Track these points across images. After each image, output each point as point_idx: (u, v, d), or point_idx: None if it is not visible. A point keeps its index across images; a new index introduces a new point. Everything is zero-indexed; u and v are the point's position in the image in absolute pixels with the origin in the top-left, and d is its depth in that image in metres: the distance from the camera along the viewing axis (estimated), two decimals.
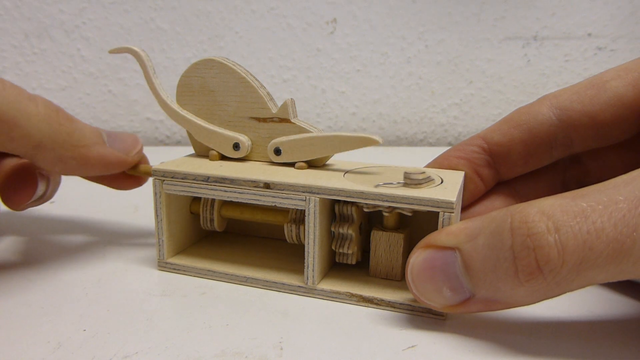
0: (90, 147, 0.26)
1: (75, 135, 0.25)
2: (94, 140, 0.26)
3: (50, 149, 0.24)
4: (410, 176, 0.24)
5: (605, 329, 0.22)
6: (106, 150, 0.26)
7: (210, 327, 0.22)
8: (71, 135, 0.25)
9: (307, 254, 0.25)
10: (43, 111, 0.24)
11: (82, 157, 0.25)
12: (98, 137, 0.26)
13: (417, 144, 0.71)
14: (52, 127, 0.24)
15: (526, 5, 0.66)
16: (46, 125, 0.24)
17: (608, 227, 0.18)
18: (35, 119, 0.23)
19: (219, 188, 0.25)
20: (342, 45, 0.67)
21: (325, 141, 0.26)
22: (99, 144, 0.26)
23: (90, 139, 0.26)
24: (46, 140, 0.24)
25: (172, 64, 0.66)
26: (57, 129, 0.24)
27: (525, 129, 0.26)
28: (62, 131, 0.24)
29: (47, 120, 0.24)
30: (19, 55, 0.64)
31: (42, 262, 0.28)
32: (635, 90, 0.25)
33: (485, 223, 0.20)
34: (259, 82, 0.27)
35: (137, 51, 0.28)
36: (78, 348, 0.20)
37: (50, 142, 0.24)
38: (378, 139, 0.25)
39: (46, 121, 0.24)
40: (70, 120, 0.25)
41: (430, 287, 0.21)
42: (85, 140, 0.25)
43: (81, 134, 0.25)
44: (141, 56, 0.28)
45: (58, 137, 0.24)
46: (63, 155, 0.25)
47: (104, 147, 0.26)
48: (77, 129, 0.25)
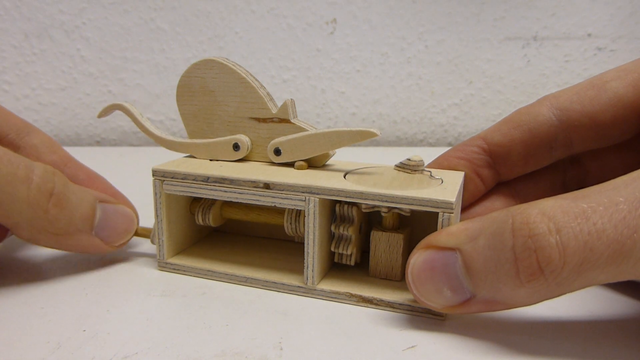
0: (71, 236, 0.25)
1: (57, 224, 0.24)
2: (78, 228, 0.25)
3: (26, 230, 0.24)
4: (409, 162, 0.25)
5: (605, 329, 0.22)
6: (87, 241, 0.26)
7: (210, 327, 0.22)
8: (53, 223, 0.24)
9: (307, 254, 0.25)
10: (33, 195, 0.23)
11: (57, 243, 0.25)
12: (85, 224, 0.26)
13: (417, 144, 0.71)
14: (35, 213, 0.24)
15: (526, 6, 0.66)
16: (29, 210, 0.23)
17: (609, 228, 0.18)
18: (20, 202, 0.23)
19: (218, 188, 0.25)
20: (342, 45, 0.67)
21: (324, 137, 0.26)
22: (83, 232, 0.26)
23: (76, 227, 0.25)
24: (24, 223, 0.24)
25: (172, 64, 0.66)
26: (40, 216, 0.24)
27: (525, 129, 0.26)
28: (44, 218, 0.24)
29: (33, 205, 0.23)
30: (19, 55, 0.64)
31: (42, 262, 0.28)
32: (635, 91, 0.25)
33: (486, 224, 0.20)
34: (259, 82, 0.27)
35: (121, 105, 0.30)
36: (78, 348, 0.20)
37: (27, 225, 0.24)
38: (376, 132, 0.25)
39: (31, 206, 0.23)
40: (61, 207, 0.24)
41: (431, 288, 0.21)
42: (69, 229, 0.25)
43: (65, 223, 0.25)
44: (126, 108, 0.30)
45: (37, 223, 0.24)
46: (37, 238, 0.25)
47: (86, 236, 0.26)
48: (63, 217, 0.24)
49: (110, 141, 0.68)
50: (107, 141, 0.68)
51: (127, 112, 0.30)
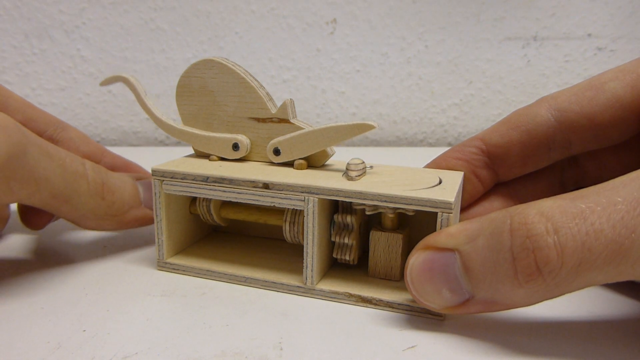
0: (127, 213, 0.28)
1: (115, 206, 0.27)
2: (131, 205, 0.28)
3: (91, 219, 0.26)
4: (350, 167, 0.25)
5: (605, 329, 0.22)
6: (140, 212, 0.28)
7: (210, 327, 0.22)
8: (111, 207, 0.27)
9: (306, 254, 0.25)
10: (92, 188, 0.26)
11: (118, 223, 0.28)
12: (135, 200, 0.28)
13: (417, 144, 0.71)
14: (96, 202, 0.26)
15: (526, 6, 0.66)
16: (91, 201, 0.26)
17: (607, 229, 0.18)
18: (84, 196, 0.25)
19: (218, 188, 0.26)
20: (342, 45, 0.67)
21: (322, 134, 0.26)
22: (135, 207, 0.28)
23: (129, 205, 0.28)
24: (89, 213, 0.26)
25: (172, 64, 0.66)
26: (100, 203, 0.26)
27: (523, 130, 0.26)
28: (104, 205, 0.26)
29: (94, 196, 0.26)
30: (19, 55, 0.64)
31: (42, 263, 0.29)
32: (633, 91, 0.25)
33: (485, 224, 0.20)
34: (258, 82, 0.27)
35: (125, 78, 0.29)
36: (78, 348, 0.20)
37: (92, 214, 0.26)
38: (374, 124, 0.25)
39: (92, 197, 0.26)
40: (113, 192, 0.27)
41: (430, 289, 0.21)
42: (124, 208, 0.28)
43: (121, 204, 0.27)
44: (131, 82, 0.29)
45: (99, 211, 0.26)
46: (102, 224, 0.27)
47: (139, 209, 0.28)
48: (117, 199, 0.27)
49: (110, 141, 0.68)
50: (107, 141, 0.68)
51: (130, 86, 0.29)
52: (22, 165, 0.22)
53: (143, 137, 0.68)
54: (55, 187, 0.24)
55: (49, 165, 0.23)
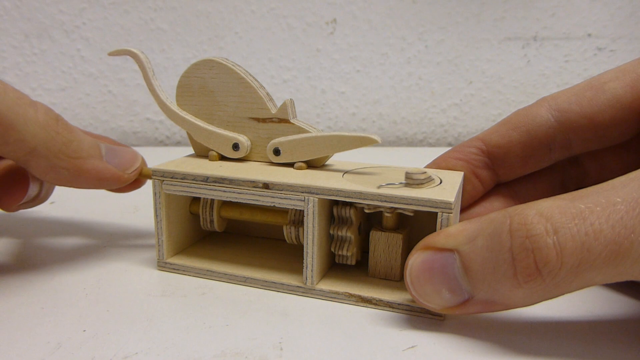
0: (86, 160, 0.25)
1: (71, 146, 0.24)
2: (90, 153, 0.25)
3: (44, 156, 0.24)
4: (412, 176, 0.24)
5: (605, 329, 0.22)
6: (102, 165, 0.26)
7: (210, 327, 0.22)
8: (67, 145, 0.24)
9: (306, 254, 0.25)
10: (42, 118, 0.23)
11: (75, 168, 0.25)
12: (95, 151, 0.26)
13: (417, 144, 0.71)
14: (48, 135, 0.23)
15: (526, 6, 0.66)
16: (43, 132, 0.23)
17: (606, 229, 0.18)
18: (33, 124, 0.23)
19: (218, 188, 0.26)
20: (342, 45, 0.67)
21: (324, 141, 0.26)
22: (95, 157, 0.26)
23: (87, 152, 0.25)
24: (41, 147, 0.23)
25: (172, 65, 0.66)
26: (54, 137, 0.24)
27: (523, 131, 0.26)
28: (58, 140, 0.24)
29: (45, 127, 0.23)
30: (19, 55, 0.64)
31: (42, 263, 0.29)
32: (633, 91, 0.25)
33: (484, 225, 0.20)
34: (258, 82, 0.27)
35: (136, 53, 0.28)
36: (78, 348, 0.20)
37: (44, 149, 0.23)
38: (377, 139, 0.25)
39: (44, 128, 0.23)
40: (69, 130, 0.25)
41: (429, 289, 0.21)
42: (82, 153, 0.25)
43: (78, 146, 0.25)
44: (140, 58, 0.28)
45: (53, 146, 0.24)
46: (56, 165, 0.24)
47: (100, 161, 0.26)
48: (75, 139, 0.25)
49: None
50: None
51: (139, 62, 0.29)
52: None
53: (143, 137, 0.68)
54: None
55: None
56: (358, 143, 0.26)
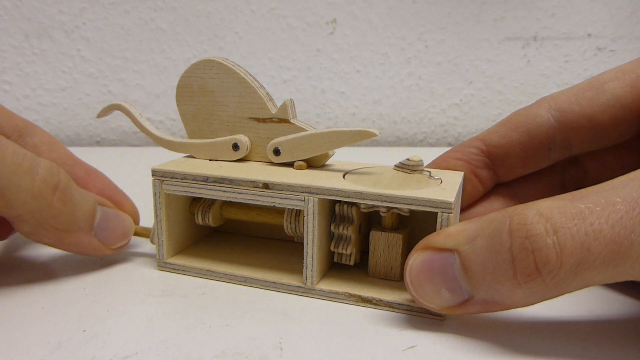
0: (71, 233, 0.25)
1: (60, 218, 0.24)
2: (80, 225, 0.25)
3: (29, 223, 0.24)
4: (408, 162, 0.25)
5: (605, 329, 0.22)
6: (86, 239, 0.26)
7: (210, 327, 0.22)
8: (56, 217, 0.24)
9: (306, 255, 0.25)
10: (38, 186, 0.23)
11: (58, 239, 0.25)
12: (86, 223, 0.26)
13: (417, 144, 0.71)
14: (38, 205, 0.23)
15: (526, 6, 0.66)
16: (34, 202, 0.23)
17: (606, 229, 0.18)
18: (25, 193, 0.23)
19: (218, 188, 0.26)
20: (342, 45, 0.67)
21: (323, 138, 0.26)
22: (83, 230, 0.25)
23: (77, 225, 0.25)
24: (27, 215, 0.23)
25: (172, 64, 0.66)
26: (44, 209, 0.24)
27: (523, 131, 0.26)
28: (47, 212, 0.24)
29: (37, 197, 0.23)
30: (19, 55, 0.64)
31: (42, 263, 0.29)
32: (633, 91, 0.25)
33: (484, 225, 0.20)
34: (258, 82, 0.27)
35: (120, 105, 0.30)
36: (78, 348, 0.20)
37: (31, 218, 0.24)
38: (375, 132, 0.25)
39: (35, 198, 0.23)
40: (64, 201, 0.24)
41: (429, 289, 0.21)
42: (69, 226, 0.25)
43: (67, 219, 0.25)
44: (125, 108, 0.30)
45: (40, 216, 0.24)
46: (38, 233, 0.24)
47: (86, 234, 0.26)
48: (66, 212, 0.24)
49: (110, 141, 0.68)
50: (107, 141, 0.68)
51: (126, 112, 0.30)
52: None
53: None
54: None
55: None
56: (357, 137, 0.25)
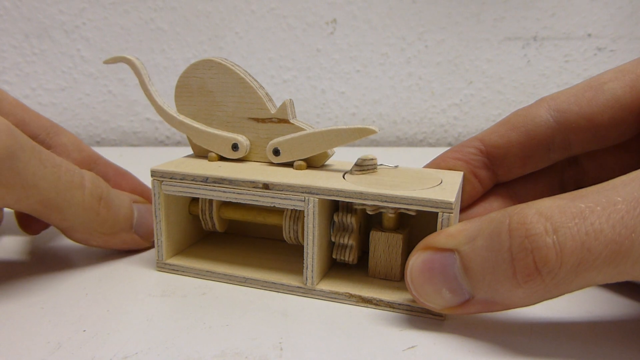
0: (117, 235, 0.27)
1: (106, 225, 0.27)
2: (122, 227, 0.28)
3: (80, 231, 0.26)
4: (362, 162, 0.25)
5: (605, 329, 0.22)
6: (129, 237, 0.28)
7: (210, 327, 0.22)
8: (102, 224, 0.26)
9: (306, 255, 0.25)
10: (87, 200, 0.25)
11: (105, 242, 0.27)
12: (127, 223, 0.28)
13: (417, 144, 0.71)
14: (89, 216, 0.25)
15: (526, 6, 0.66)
16: (84, 214, 0.25)
17: (606, 229, 0.18)
18: (77, 206, 0.25)
19: (217, 189, 0.26)
20: (342, 45, 0.67)
21: (322, 136, 0.26)
22: (125, 230, 0.28)
23: (119, 227, 0.27)
24: (79, 226, 0.26)
25: (172, 64, 0.66)
26: (93, 218, 0.26)
27: (522, 131, 0.26)
28: (96, 220, 0.26)
29: (88, 209, 0.25)
30: (19, 55, 0.64)
31: (42, 263, 0.29)
32: (632, 91, 0.25)
33: (484, 224, 0.20)
34: (257, 82, 0.27)
35: (131, 60, 0.29)
36: (78, 348, 0.20)
37: (81, 227, 0.26)
38: (374, 129, 0.25)
39: (86, 210, 0.25)
40: (108, 208, 0.26)
41: (430, 289, 0.21)
42: (114, 229, 0.27)
43: (113, 223, 0.27)
44: (135, 64, 0.29)
45: (90, 225, 0.26)
46: (89, 239, 0.27)
47: (128, 233, 0.28)
48: (111, 218, 0.27)
49: (110, 141, 0.68)
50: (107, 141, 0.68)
51: (134, 69, 0.29)
52: (9, 169, 0.21)
53: (143, 137, 0.68)
54: (45, 195, 0.23)
55: (40, 172, 0.23)
56: (356, 135, 0.25)
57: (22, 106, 0.31)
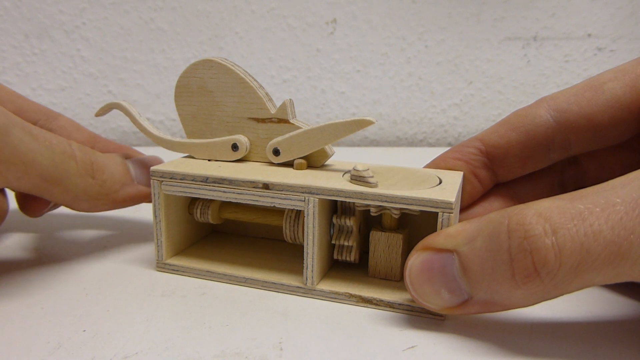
0: (120, 191, 0.27)
1: (107, 185, 0.27)
2: (123, 182, 0.28)
3: (84, 200, 0.26)
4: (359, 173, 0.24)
5: (605, 329, 0.22)
6: (134, 189, 0.28)
7: (210, 327, 0.22)
8: (103, 185, 0.26)
9: (306, 255, 0.25)
10: (81, 167, 0.25)
11: (112, 202, 0.27)
12: (126, 177, 0.28)
13: (417, 144, 0.71)
14: (87, 183, 0.26)
15: (526, 6, 0.66)
16: (82, 181, 0.25)
17: (605, 230, 0.18)
18: (74, 176, 0.25)
19: (217, 189, 0.26)
20: (342, 45, 0.67)
21: (321, 131, 0.26)
22: (127, 184, 0.28)
23: (120, 182, 0.27)
24: (81, 194, 0.26)
25: (172, 64, 0.66)
26: (92, 183, 0.26)
27: (522, 131, 0.26)
28: (95, 184, 0.26)
29: (84, 176, 0.25)
30: (19, 55, 0.64)
31: (42, 263, 0.29)
32: (632, 91, 0.25)
33: (483, 225, 0.20)
34: (257, 82, 0.27)
35: (119, 104, 0.30)
36: (78, 348, 0.20)
37: (84, 195, 0.26)
38: (372, 119, 0.25)
39: (83, 177, 0.25)
40: (102, 170, 0.26)
41: (429, 289, 0.21)
42: (116, 186, 0.27)
43: (112, 182, 0.27)
44: (124, 107, 0.30)
45: (92, 190, 0.26)
46: (95, 205, 0.27)
47: (131, 186, 0.28)
48: (108, 177, 0.27)
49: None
50: None
51: (125, 112, 0.30)
52: (6, 146, 0.22)
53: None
54: (44, 169, 0.23)
55: (35, 146, 0.23)
56: (354, 127, 0.25)
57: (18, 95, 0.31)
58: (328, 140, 0.26)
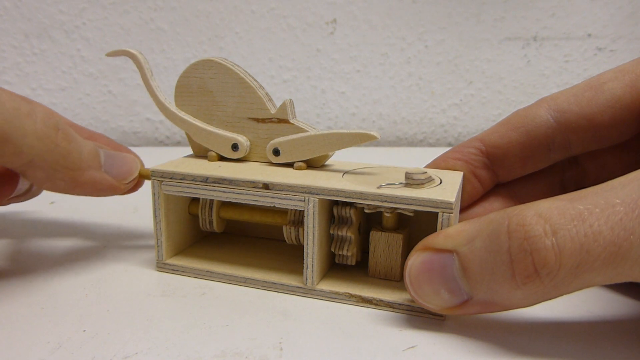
0: (84, 171, 0.25)
1: (70, 158, 0.24)
2: (89, 163, 0.25)
3: (40, 168, 0.23)
4: (412, 176, 0.24)
5: (605, 329, 0.23)
6: (99, 176, 0.26)
7: (210, 327, 0.22)
8: (66, 157, 0.24)
9: (306, 255, 0.25)
10: (40, 128, 0.23)
11: (72, 180, 0.25)
12: (94, 161, 0.26)
13: (417, 144, 0.71)
14: (46, 147, 0.23)
15: (526, 6, 0.66)
16: (41, 144, 0.23)
17: (605, 230, 0.18)
18: (31, 136, 0.22)
19: (217, 189, 0.26)
20: (342, 45, 0.67)
21: (324, 139, 0.26)
22: (94, 168, 0.26)
23: (86, 162, 0.25)
24: (38, 159, 0.23)
25: (172, 65, 0.66)
26: (52, 149, 0.23)
27: (522, 131, 0.26)
28: (56, 152, 0.23)
29: (43, 138, 0.23)
30: (19, 55, 0.64)
31: (42, 263, 0.29)
32: (632, 91, 0.25)
33: (483, 226, 0.20)
34: (257, 82, 0.27)
35: (134, 54, 0.28)
36: (78, 348, 0.20)
37: (41, 161, 0.23)
38: (376, 135, 0.25)
39: (42, 140, 0.23)
40: (69, 140, 0.24)
41: (428, 290, 0.21)
42: (80, 164, 0.25)
43: (77, 157, 0.24)
44: (138, 59, 0.28)
45: (51, 158, 0.23)
46: (53, 176, 0.24)
47: (98, 172, 0.26)
48: (74, 150, 0.24)
49: None
50: None
51: (137, 63, 0.28)
52: None
53: (143, 137, 0.68)
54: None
55: None
56: (357, 140, 0.25)
57: None
58: (330, 149, 0.26)
